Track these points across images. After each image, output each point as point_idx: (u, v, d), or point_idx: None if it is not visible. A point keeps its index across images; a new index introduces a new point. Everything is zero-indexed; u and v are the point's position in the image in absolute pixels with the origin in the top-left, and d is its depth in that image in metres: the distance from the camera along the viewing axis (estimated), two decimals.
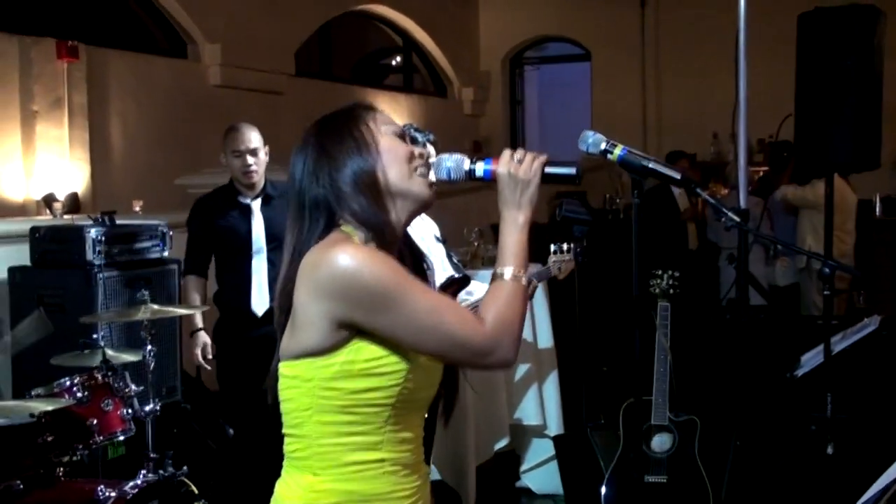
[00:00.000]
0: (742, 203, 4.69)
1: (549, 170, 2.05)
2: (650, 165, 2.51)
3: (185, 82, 9.61)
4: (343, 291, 1.91)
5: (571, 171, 2.06)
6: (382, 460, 1.99)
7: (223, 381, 4.99)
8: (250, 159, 4.80)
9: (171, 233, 5.16)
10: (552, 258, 4.84)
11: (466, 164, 2.08)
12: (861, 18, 4.92)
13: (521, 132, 16.18)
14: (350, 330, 1.94)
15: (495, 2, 15.07)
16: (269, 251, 4.78)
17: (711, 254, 9.54)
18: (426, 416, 2.13)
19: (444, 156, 2.10)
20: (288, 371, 2.01)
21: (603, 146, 2.54)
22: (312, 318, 1.94)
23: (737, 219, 2.85)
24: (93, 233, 4.75)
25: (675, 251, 9.10)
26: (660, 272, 4.90)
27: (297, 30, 11.29)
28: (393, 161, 2.06)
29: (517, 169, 2.03)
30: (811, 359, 4.49)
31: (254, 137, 4.86)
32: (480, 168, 2.08)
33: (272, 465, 2.15)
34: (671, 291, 4.91)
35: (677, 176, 2.53)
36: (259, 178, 4.86)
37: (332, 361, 1.96)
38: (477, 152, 14.77)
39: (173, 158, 8.93)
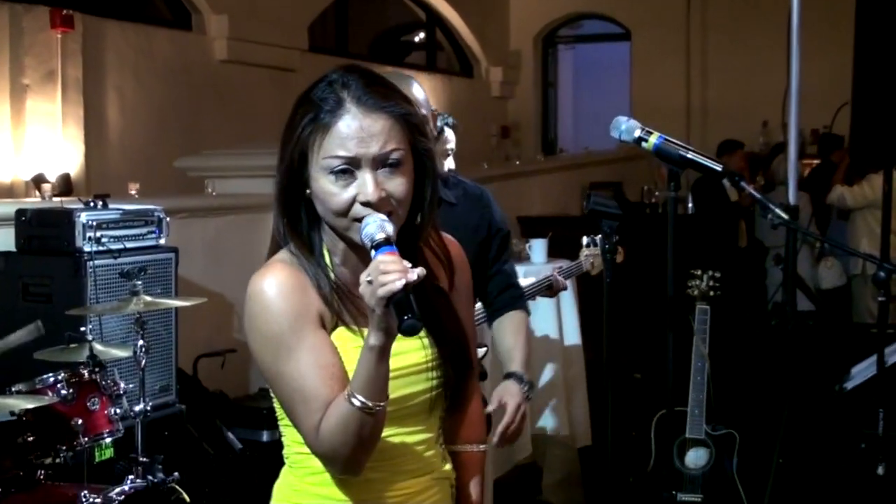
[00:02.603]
0: (791, 199, 4.65)
1: (392, 304, 1.82)
2: (688, 156, 2.49)
3: (188, 56, 9.62)
4: (245, 320, 2.04)
5: (407, 318, 1.81)
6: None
7: None
8: None
9: (167, 219, 5.15)
10: (584, 252, 4.81)
11: (377, 237, 1.91)
12: None
13: (553, 117, 16.16)
14: None
15: None
16: None
17: (759, 253, 9.48)
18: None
19: (376, 216, 1.94)
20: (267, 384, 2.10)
21: (637, 133, 2.53)
22: None
23: (784, 216, 2.83)
24: (83, 217, 4.73)
25: (723, 248, 9.03)
26: (699, 272, 4.87)
27: (312, 1, 11.28)
28: (320, 203, 2.01)
29: (364, 289, 1.84)
30: (862, 370, 4.46)
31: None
32: (374, 253, 1.90)
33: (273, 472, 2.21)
34: (711, 293, 4.87)
35: (718, 168, 2.52)
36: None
37: None
38: (505, 138, 14.79)
39: (174, 138, 8.94)
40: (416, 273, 1.83)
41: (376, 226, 1.92)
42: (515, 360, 3.60)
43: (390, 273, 1.81)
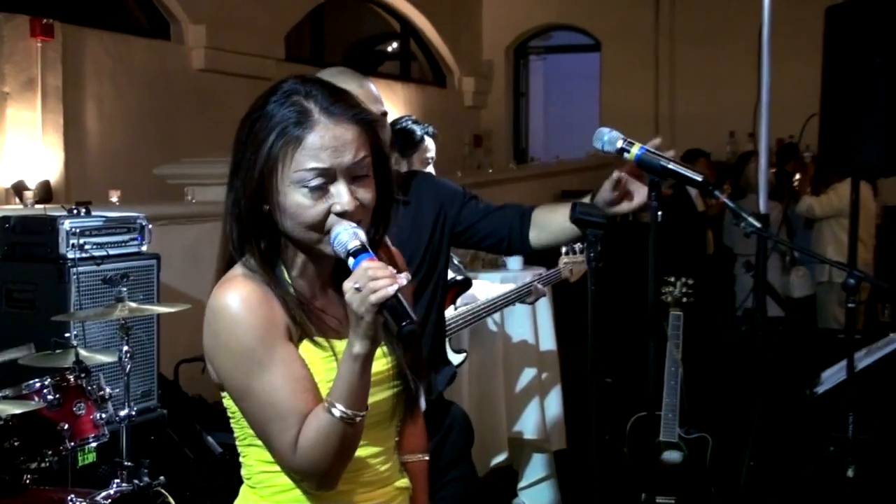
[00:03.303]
0: (762, 207, 4.70)
1: (386, 310, 1.79)
2: (669, 166, 2.54)
3: (166, 65, 9.61)
4: (205, 338, 1.96)
5: (406, 324, 1.77)
6: None
7: None
8: None
9: (150, 226, 5.16)
10: (563, 259, 4.87)
11: (351, 245, 1.86)
12: (894, 12, 4.91)
13: (524, 126, 16.22)
14: None
15: None
16: None
17: (727, 260, 9.55)
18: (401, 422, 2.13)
19: (345, 224, 1.89)
20: (225, 402, 2.04)
21: (619, 144, 2.57)
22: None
23: (757, 224, 2.87)
24: (67, 224, 4.73)
25: (691, 256, 9.09)
26: (672, 279, 4.92)
27: (288, 11, 11.30)
28: (289, 217, 1.93)
29: (352, 297, 1.79)
30: (832, 375, 4.50)
31: None
32: (352, 261, 1.86)
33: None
34: (684, 300, 4.92)
35: (698, 178, 2.57)
36: None
37: None
38: (477, 147, 14.83)
39: (152, 146, 8.94)
40: (404, 277, 1.80)
41: (349, 234, 1.87)
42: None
43: (380, 279, 1.77)
